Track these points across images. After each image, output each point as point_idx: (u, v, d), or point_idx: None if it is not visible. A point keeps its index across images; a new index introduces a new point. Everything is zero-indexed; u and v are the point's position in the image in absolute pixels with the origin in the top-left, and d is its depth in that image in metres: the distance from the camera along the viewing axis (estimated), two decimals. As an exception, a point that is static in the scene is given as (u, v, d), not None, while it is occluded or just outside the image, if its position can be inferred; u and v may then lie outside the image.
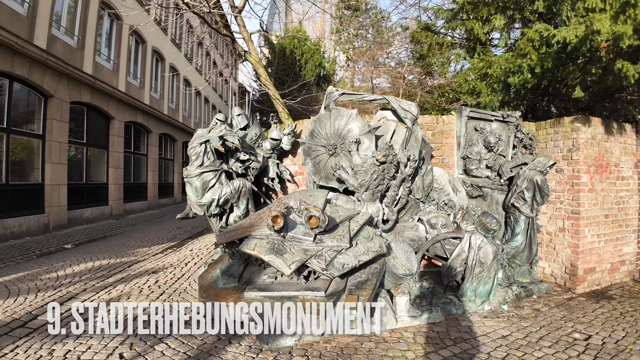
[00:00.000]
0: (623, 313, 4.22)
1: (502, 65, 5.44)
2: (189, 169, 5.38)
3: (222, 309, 3.33)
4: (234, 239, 3.69)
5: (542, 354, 3.41)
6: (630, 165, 5.31)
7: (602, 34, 3.82)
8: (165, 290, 5.04)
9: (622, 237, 5.27)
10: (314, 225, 3.37)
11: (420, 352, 3.46)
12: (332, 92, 4.68)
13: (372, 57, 18.77)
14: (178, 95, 16.89)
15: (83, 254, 7.09)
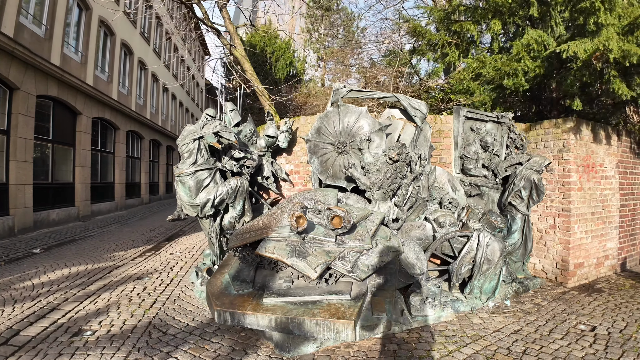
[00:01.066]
0: (617, 305, 4.43)
1: (497, 67, 5.55)
2: (180, 167, 5.02)
3: (240, 317, 3.07)
4: (248, 241, 3.44)
5: (558, 346, 3.47)
6: (612, 165, 5.62)
7: (613, 51, 3.97)
8: (157, 297, 4.67)
9: (606, 233, 5.57)
10: (338, 226, 3.21)
11: (443, 351, 3.41)
12: (340, 88, 4.53)
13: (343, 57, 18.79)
14: (146, 91, 15.98)
15: (55, 259, 6.45)
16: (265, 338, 3.43)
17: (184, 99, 23.53)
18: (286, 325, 2.96)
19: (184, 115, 24.17)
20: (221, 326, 3.78)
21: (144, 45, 15.50)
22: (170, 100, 20.14)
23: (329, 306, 3.09)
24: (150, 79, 16.38)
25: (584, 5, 4.30)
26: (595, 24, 4.22)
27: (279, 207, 3.90)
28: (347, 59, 19.42)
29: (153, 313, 4.14)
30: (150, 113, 16.56)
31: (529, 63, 5.20)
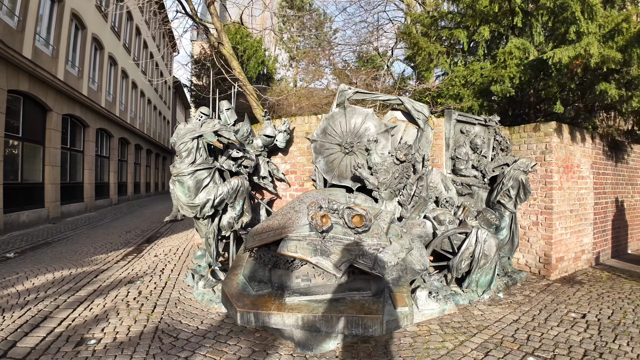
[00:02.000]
0: (600, 295, 4.78)
1: (484, 73, 5.82)
2: (179, 167, 4.85)
3: (265, 317, 3.03)
4: (267, 241, 3.39)
5: (556, 332, 3.73)
6: (587, 166, 6.06)
7: (593, 56, 4.29)
8: (157, 301, 4.48)
9: (582, 230, 5.99)
10: (359, 225, 3.25)
11: (455, 341, 3.55)
12: (345, 89, 4.57)
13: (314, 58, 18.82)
14: (116, 87, 15.20)
15: (33, 264, 6.00)
16: (284, 338, 3.40)
17: (152, 96, 22.64)
18: (313, 323, 2.95)
19: (152, 113, 23.26)
20: (233, 328, 3.71)
21: (114, 40, 14.75)
22: (139, 98, 19.30)
23: (353, 303, 3.13)
24: (120, 75, 15.61)
25: (565, 15, 4.61)
26: (576, 32, 4.55)
27: (291, 207, 3.87)
28: (319, 59, 19.46)
29: (157, 318, 3.98)
30: (120, 110, 15.78)
31: (513, 70, 5.49)
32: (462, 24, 6.00)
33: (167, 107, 28.83)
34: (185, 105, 40.30)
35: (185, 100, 38.42)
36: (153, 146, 23.52)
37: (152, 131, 22.92)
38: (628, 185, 6.78)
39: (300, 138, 5.83)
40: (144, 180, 21.19)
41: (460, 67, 6.03)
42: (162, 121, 26.66)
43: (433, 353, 3.32)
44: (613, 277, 5.51)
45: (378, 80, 16.12)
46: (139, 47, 18.76)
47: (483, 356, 3.26)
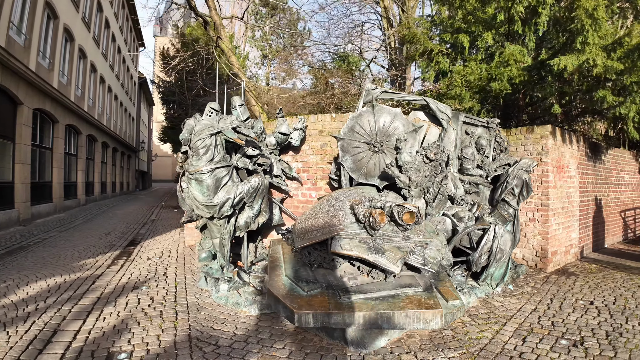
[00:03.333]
0: (597, 284, 5.06)
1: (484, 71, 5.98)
2: (196, 164, 4.52)
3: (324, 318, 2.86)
4: (316, 240, 3.22)
5: (575, 318, 3.92)
6: (574, 166, 6.42)
7: (597, 66, 4.53)
8: (176, 308, 4.11)
9: (571, 225, 6.34)
10: (410, 222, 3.17)
11: (492, 330, 3.62)
12: (372, 89, 4.48)
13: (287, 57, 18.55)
14: (85, 81, 14.00)
15: (18, 271, 5.33)
16: (331, 338, 3.24)
17: (119, 92, 21.22)
18: (375, 321, 2.85)
19: (119, 109, 21.79)
20: (272, 331, 3.47)
21: (85, 31, 13.58)
22: (106, 93, 17.97)
23: (409, 298, 3.06)
24: (89, 69, 14.40)
25: (574, 26, 4.84)
26: (582, 42, 4.80)
27: (329, 206, 3.71)
28: (292, 58, 19.19)
29: (184, 325, 3.64)
30: (88, 106, 14.57)
31: (514, 70, 5.68)
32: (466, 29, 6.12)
33: (132, 103, 27.16)
34: (149, 102, 38.24)
35: (150, 97, 36.46)
36: (119, 144, 22.05)
37: (119, 128, 21.48)
38: (605, 185, 7.29)
39: (313, 136, 5.66)
40: (110, 179, 19.79)
41: (460, 67, 6.15)
42: (127, 118, 25.07)
43: (478, 342, 3.35)
44: (601, 268, 5.87)
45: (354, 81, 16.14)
46: (108, 40, 17.48)
47: (522, 342, 3.37)
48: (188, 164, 4.62)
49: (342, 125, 5.57)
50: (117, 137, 20.61)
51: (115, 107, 20.41)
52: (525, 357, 3.13)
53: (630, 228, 7.96)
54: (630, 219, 7.90)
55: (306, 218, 3.58)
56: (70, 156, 13.28)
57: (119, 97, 21.47)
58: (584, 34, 4.65)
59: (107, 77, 17.73)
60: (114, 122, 20.10)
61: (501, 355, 3.15)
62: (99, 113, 16.62)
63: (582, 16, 4.46)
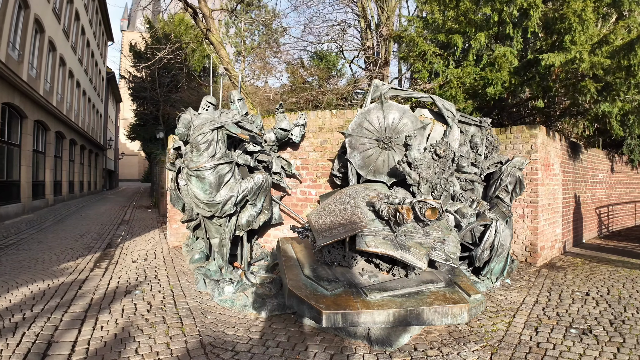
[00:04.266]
0: (587, 276, 5.24)
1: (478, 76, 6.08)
2: (197, 160, 4.25)
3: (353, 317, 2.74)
4: (339, 238, 3.07)
5: (576, 308, 4.04)
6: (558, 165, 6.65)
7: (584, 62, 4.69)
8: (178, 313, 3.83)
9: (555, 221, 6.56)
10: (432, 217, 3.08)
11: (504, 323, 3.67)
12: (380, 85, 4.39)
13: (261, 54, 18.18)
14: (54, 75, 13.00)
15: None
16: (354, 338, 3.12)
17: (87, 87, 19.99)
18: (404, 318, 2.78)
19: (87, 105, 20.53)
20: (289, 333, 3.29)
21: (55, 23, 12.61)
22: (75, 88, 16.85)
23: (434, 294, 3.00)
24: (58, 62, 13.39)
25: (562, 25, 4.98)
26: (570, 41, 4.95)
27: (345, 202, 3.57)
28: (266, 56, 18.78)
29: (192, 331, 3.39)
30: (57, 101, 13.57)
31: (505, 74, 5.80)
32: (460, 30, 6.19)
33: (100, 99, 25.72)
34: (117, 98, 36.37)
35: (117, 93, 34.67)
36: (87, 142, 20.78)
37: (87, 125, 20.24)
38: (582, 183, 7.63)
39: (312, 133, 5.50)
40: (77, 179, 18.58)
41: (454, 69, 6.21)
42: (95, 114, 23.69)
43: (495, 335, 3.38)
44: (586, 262, 6.11)
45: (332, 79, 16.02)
46: (77, 32, 16.38)
47: (535, 333, 3.44)
48: (188, 160, 4.34)
49: (342, 122, 5.46)
50: (85, 134, 19.40)
51: (83, 103, 19.20)
52: (543, 346, 3.18)
53: (604, 224, 8.40)
54: (604, 216, 8.33)
55: (322, 215, 3.43)
56: (38, 154, 12.30)
57: (87, 93, 20.24)
58: (572, 32, 4.80)
59: (76, 72, 16.64)
60: (82, 119, 18.91)
61: (520, 346, 3.18)
62: (68, 109, 15.55)
63: (571, 15, 4.60)
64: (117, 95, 35.27)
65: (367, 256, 3.40)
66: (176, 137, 4.80)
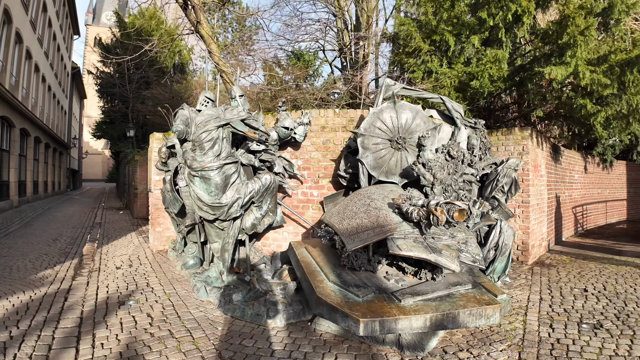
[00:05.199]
0: (579, 273, 5.37)
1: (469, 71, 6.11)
2: (202, 160, 3.93)
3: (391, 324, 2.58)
4: (370, 242, 2.89)
5: (581, 304, 4.11)
6: (544, 166, 6.83)
7: (585, 77, 4.80)
8: (186, 325, 3.50)
9: (542, 220, 6.72)
10: (460, 219, 2.98)
11: (519, 321, 3.66)
12: (392, 84, 4.25)
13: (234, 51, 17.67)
14: (20, 68, 11.88)
15: (-36, 291, 4.19)
16: (382, 344, 2.96)
17: (52, 82, 18.58)
18: (441, 322, 2.67)
19: (52, 101, 19.09)
20: (313, 342, 3.07)
21: (22, 14, 11.52)
22: (40, 83, 15.57)
23: (465, 296, 2.90)
24: (24, 55, 12.25)
25: (564, 41, 5.08)
26: (571, 56, 5.06)
27: (366, 205, 3.39)
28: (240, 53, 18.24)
29: (206, 345, 3.09)
30: (22, 96, 12.43)
31: (494, 71, 5.86)
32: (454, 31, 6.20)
33: (65, 95, 24.03)
34: (81, 94, 34.14)
35: (82, 89, 32.54)
36: (52, 139, 19.32)
37: (51, 122, 18.81)
38: (562, 183, 7.90)
39: (314, 132, 5.28)
40: (42, 178, 17.21)
41: (446, 69, 6.21)
42: (59, 111, 22.11)
43: (515, 333, 3.36)
44: (572, 259, 6.29)
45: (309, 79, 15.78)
46: (44, 24, 15.13)
47: (551, 330, 3.45)
48: (190, 159, 3.99)
49: (345, 121, 5.28)
50: (50, 131, 18.01)
51: (48, 99, 17.81)
52: (563, 342, 3.20)
53: (580, 223, 8.77)
54: (580, 215, 8.69)
55: (346, 218, 3.23)
56: (2, 152, 11.19)
57: (53, 88, 18.82)
58: (574, 48, 4.91)
59: (42, 66, 15.38)
60: (47, 115, 17.54)
61: (542, 343, 3.19)
62: (33, 104, 14.33)
63: (575, 33, 4.71)
64: (82, 92, 33.17)
65: (391, 259, 3.24)
66: (173, 134, 4.43)
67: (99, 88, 22.00)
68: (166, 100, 16.69)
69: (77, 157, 33.23)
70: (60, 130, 22.23)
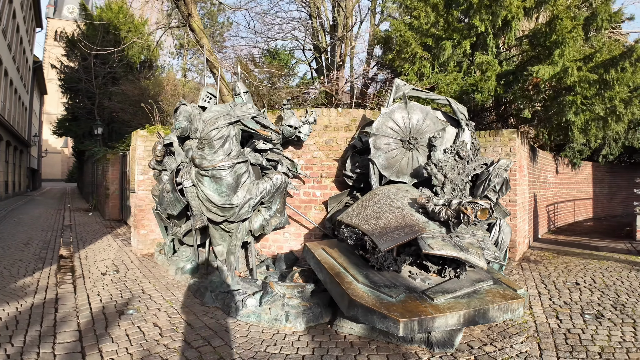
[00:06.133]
0: (565, 268, 5.59)
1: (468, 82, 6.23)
2: (213, 159, 3.69)
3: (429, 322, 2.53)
4: (402, 242, 2.80)
5: (577, 296, 4.30)
6: (526, 166, 7.10)
7: (573, 75, 5.02)
8: (202, 334, 3.26)
9: (525, 218, 6.97)
10: (483, 218, 2.98)
11: (528, 314, 3.74)
12: (402, 85, 4.20)
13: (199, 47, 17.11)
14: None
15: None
16: (410, 343, 2.91)
17: (14, 76, 17.09)
18: (473, 318, 2.68)
19: (13, 96, 17.54)
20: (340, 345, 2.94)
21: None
22: (2, 77, 14.22)
23: (489, 292, 2.92)
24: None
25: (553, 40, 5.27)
26: (559, 55, 5.27)
27: (388, 204, 3.30)
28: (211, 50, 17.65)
29: (228, 354, 2.88)
30: (-19, 89, 11.30)
31: (493, 82, 6.03)
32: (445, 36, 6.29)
33: (26, 91, 22.20)
34: (42, 90, 31.67)
35: (43, 84, 30.18)
36: (12, 137, 17.75)
37: (12, 119, 17.28)
38: (538, 183, 8.26)
39: (317, 131, 5.14)
40: (2, 178, 15.76)
41: (441, 75, 6.30)
42: (20, 107, 20.39)
43: (527, 326, 3.45)
44: (554, 255, 6.56)
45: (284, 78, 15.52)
46: (9, 16, 13.83)
47: (559, 321, 3.56)
48: (198, 157, 3.72)
49: (348, 121, 5.19)
50: (12, 129, 16.55)
51: (10, 94, 16.36)
52: (574, 332, 3.31)
53: (552, 220, 9.22)
54: (552, 213, 9.14)
55: (371, 218, 3.13)
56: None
57: (14, 83, 17.30)
58: (562, 47, 5.12)
59: (5, 59, 14.09)
60: (9, 112, 16.09)
61: (555, 334, 3.29)
62: (-9, 100, 13.08)
63: (564, 32, 4.91)
64: (43, 87, 30.82)
65: (414, 259, 3.18)
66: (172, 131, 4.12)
67: (62, 83, 20.53)
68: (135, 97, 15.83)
69: (36, 156, 30.82)
70: (22, 127, 20.52)
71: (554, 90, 5.71)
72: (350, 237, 3.06)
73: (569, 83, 5.19)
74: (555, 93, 5.68)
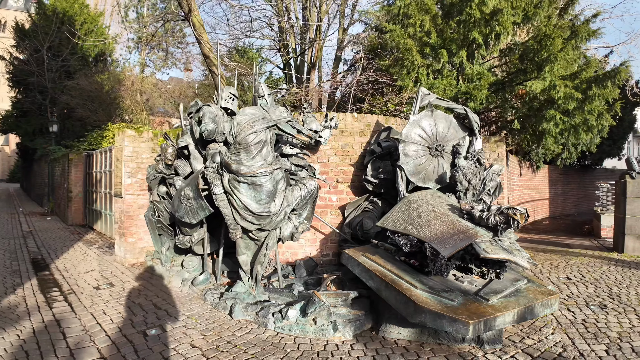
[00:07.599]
0: (552, 264, 5.96)
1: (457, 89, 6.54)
2: (251, 165, 3.48)
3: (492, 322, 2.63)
4: (460, 248, 2.85)
5: (576, 289, 4.62)
6: (504, 170, 7.62)
7: (560, 91, 5.47)
8: (250, 351, 3.03)
9: (508, 217, 7.48)
10: (523, 222, 3.16)
11: None
12: (428, 94, 4.26)
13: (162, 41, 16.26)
14: None
15: None
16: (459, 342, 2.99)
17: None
18: (523, 314, 2.85)
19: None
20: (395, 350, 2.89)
21: None
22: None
23: (530, 290, 3.08)
24: None
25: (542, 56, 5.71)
26: (549, 71, 5.72)
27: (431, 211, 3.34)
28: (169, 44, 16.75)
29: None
30: None
31: (484, 91, 6.39)
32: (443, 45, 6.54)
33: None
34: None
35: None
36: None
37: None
38: (509, 185, 8.90)
39: (333, 136, 5.05)
40: None
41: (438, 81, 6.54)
42: None
43: (548, 319, 3.59)
44: (535, 253, 6.89)
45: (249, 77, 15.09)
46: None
47: (572, 313, 3.80)
48: (235, 163, 3.47)
49: (363, 126, 5.17)
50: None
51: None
52: (589, 321, 3.57)
53: (520, 219, 9.97)
54: (520, 212, 9.88)
55: (422, 225, 3.13)
56: None
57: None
58: (551, 64, 5.56)
59: None
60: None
61: (574, 324, 3.51)
62: None
63: (555, 50, 5.35)
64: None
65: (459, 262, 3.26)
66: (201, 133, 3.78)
67: (11, 77, 18.21)
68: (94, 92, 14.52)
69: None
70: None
71: (538, 102, 6.19)
72: (405, 245, 3.04)
73: (556, 98, 5.67)
74: (540, 105, 6.17)
